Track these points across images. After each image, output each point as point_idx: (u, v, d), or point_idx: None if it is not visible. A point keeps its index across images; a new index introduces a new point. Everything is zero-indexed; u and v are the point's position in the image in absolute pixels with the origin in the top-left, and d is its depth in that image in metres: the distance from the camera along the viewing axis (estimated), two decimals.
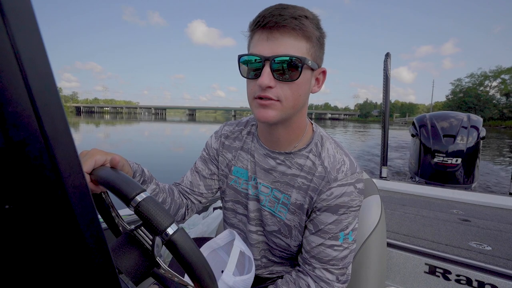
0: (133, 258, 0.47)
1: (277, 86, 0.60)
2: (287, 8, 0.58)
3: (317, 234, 0.68)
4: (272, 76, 0.59)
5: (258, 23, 0.58)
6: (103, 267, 0.22)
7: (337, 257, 0.67)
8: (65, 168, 0.19)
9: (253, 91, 0.62)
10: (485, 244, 1.37)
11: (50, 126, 0.18)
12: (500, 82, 56.35)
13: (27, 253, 0.18)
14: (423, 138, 4.12)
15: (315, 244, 0.68)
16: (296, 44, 0.58)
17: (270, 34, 0.58)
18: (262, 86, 0.59)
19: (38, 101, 0.17)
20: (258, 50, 0.59)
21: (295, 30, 0.57)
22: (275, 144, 0.73)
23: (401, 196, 2.25)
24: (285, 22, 0.56)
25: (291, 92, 0.61)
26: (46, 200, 0.18)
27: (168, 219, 0.41)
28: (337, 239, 0.67)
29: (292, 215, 0.73)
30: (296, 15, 0.57)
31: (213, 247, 0.83)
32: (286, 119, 0.65)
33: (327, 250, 0.67)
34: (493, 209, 1.95)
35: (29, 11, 0.17)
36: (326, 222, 0.67)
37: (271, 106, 0.61)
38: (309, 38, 0.59)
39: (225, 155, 0.84)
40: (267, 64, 0.58)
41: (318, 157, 0.71)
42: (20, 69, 0.16)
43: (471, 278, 1.16)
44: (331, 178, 0.67)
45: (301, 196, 0.71)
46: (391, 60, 3.49)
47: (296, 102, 0.63)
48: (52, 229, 0.19)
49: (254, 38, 0.61)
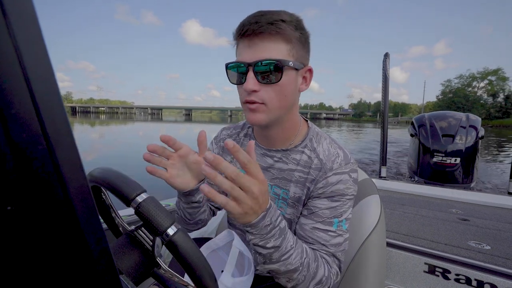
0: (133, 259, 0.47)
1: (261, 90, 0.63)
2: (264, 15, 0.61)
3: (310, 217, 0.69)
4: (256, 80, 0.62)
5: (239, 32, 0.62)
6: (105, 267, 0.22)
7: (330, 241, 0.67)
8: (67, 170, 0.19)
9: (242, 96, 0.66)
10: (484, 243, 1.37)
11: (52, 128, 0.18)
12: (487, 83, 59.73)
13: (28, 254, 0.18)
14: (422, 138, 4.13)
15: (308, 227, 0.69)
16: (275, 47, 0.61)
17: (250, 42, 0.62)
18: (247, 90, 0.62)
19: (40, 103, 0.17)
20: (242, 57, 0.63)
21: (273, 35, 0.60)
22: (271, 143, 0.76)
23: (401, 195, 2.26)
24: (261, 29, 0.59)
25: (275, 94, 0.64)
26: (48, 201, 0.18)
27: (169, 219, 0.41)
28: (331, 225, 0.68)
29: (292, 208, 0.75)
30: (272, 20, 0.60)
31: (213, 248, 0.84)
32: (277, 120, 0.68)
33: (320, 233, 0.68)
34: (492, 209, 1.96)
35: (31, 12, 0.17)
36: (321, 207, 0.69)
37: (258, 109, 0.65)
38: (288, 40, 0.62)
39: (225, 158, 0.85)
40: (250, 70, 0.62)
41: (313, 151, 0.74)
42: (22, 71, 0.16)
43: (471, 278, 1.16)
44: (327, 168, 0.70)
45: (299, 189, 0.73)
46: (390, 60, 3.50)
47: (282, 103, 0.66)
48: (53, 230, 0.19)
49: (239, 47, 0.65)
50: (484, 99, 59.89)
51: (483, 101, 59.68)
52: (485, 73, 59.90)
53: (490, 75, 59.30)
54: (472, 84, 61.68)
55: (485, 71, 60.08)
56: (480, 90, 61.00)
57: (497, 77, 58.55)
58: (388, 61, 3.63)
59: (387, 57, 3.62)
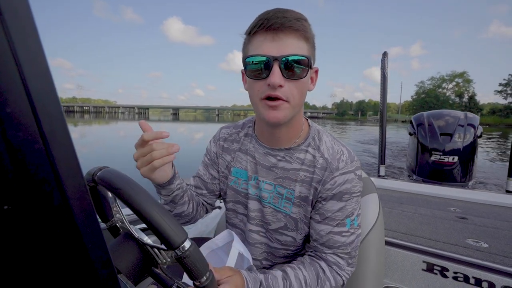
0: (132, 258, 0.47)
1: (285, 85, 0.62)
2: (289, 11, 0.61)
3: (325, 222, 0.71)
4: (282, 75, 0.61)
5: (262, 25, 0.60)
6: (102, 266, 0.22)
7: (345, 242, 0.71)
8: (63, 169, 0.19)
9: (260, 92, 0.64)
10: (482, 241, 1.38)
11: (49, 127, 0.18)
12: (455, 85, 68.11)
13: (25, 253, 0.18)
14: (420, 137, 4.14)
15: (324, 232, 0.71)
16: (299, 44, 0.61)
17: (275, 35, 0.60)
18: (274, 85, 0.60)
19: (37, 102, 0.17)
20: (263, 50, 0.61)
21: (298, 31, 0.61)
22: (275, 142, 0.76)
23: (399, 194, 2.26)
24: (290, 23, 0.59)
25: (297, 90, 0.64)
26: (45, 200, 0.18)
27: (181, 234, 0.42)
28: (344, 226, 0.71)
29: (298, 208, 0.75)
30: (298, 17, 0.61)
31: (212, 248, 0.83)
32: (292, 118, 0.68)
33: (336, 237, 0.71)
34: (490, 207, 1.97)
35: (27, 12, 0.17)
36: (333, 209, 0.71)
37: (280, 107, 0.63)
38: (308, 39, 0.63)
39: (224, 157, 0.86)
40: (276, 64, 0.60)
41: (317, 150, 0.74)
42: (18, 70, 0.16)
43: (469, 275, 1.17)
44: (333, 168, 0.71)
45: (305, 189, 0.73)
46: (388, 59, 3.50)
47: (301, 101, 0.67)
48: (50, 229, 0.19)
49: (256, 40, 0.62)
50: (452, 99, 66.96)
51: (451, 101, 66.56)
52: (453, 76, 67.81)
53: (457, 77, 67.24)
54: (442, 86, 69.56)
55: (453, 74, 68.01)
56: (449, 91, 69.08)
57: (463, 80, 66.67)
58: (387, 60, 3.63)
59: (386, 56, 3.62)
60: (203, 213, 0.90)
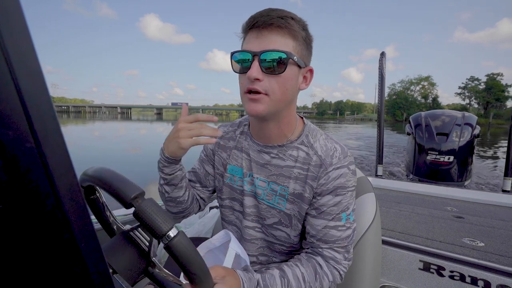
0: (128, 258, 0.47)
1: (265, 79, 0.64)
2: (275, 10, 0.64)
3: (320, 217, 0.72)
4: (260, 69, 0.63)
5: (249, 24, 0.65)
6: (95, 265, 0.22)
7: (341, 237, 0.72)
8: (55, 168, 0.19)
9: (244, 85, 0.67)
10: (478, 240, 1.39)
11: (40, 126, 0.18)
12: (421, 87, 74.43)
13: (17, 253, 0.18)
14: (417, 137, 4.16)
15: (320, 227, 0.72)
16: (282, 41, 0.63)
17: (259, 33, 0.64)
18: (251, 78, 0.63)
19: (28, 101, 0.17)
20: (248, 47, 0.65)
21: (282, 28, 0.63)
22: (267, 139, 0.77)
23: (396, 194, 2.27)
24: (272, 21, 0.62)
25: (278, 85, 0.65)
26: (37, 199, 0.18)
27: (169, 222, 0.41)
28: (340, 220, 0.72)
29: (292, 204, 0.76)
30: (283, 15, 0.63)
31: (210, 248, 0.83)
32: (276, 113, 0.70)
33: (332, 231, 0.72)
34: (486, 206, 1.98)
35: (18, 10, 0.17)
36: (328, 204, 0.72)
37: (260, 100, 0.66)
38: (295, 37, 0.65)
39: (220, 154, 0.87)
40: (255, 59, 0.63)
41: (310, 147, 0.75)
42: (9, 68, 0.16)
43: (465, 274, 1.18)
44: (327, 163, 0.72)
45: (299, 186, 0.74)
46: (385, 59, 3.51)
47: (283, 96, 0.67)
48: (42, 228, 0.19)
49: (246, 38, 0.67)
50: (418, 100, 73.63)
51: (418, 102, 73.00)
52: (419, 79, 74.24)
53: (423, 80, 73.74)
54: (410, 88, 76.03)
55: (419, 78, 74.30)
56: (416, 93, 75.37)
57: (428, 83, 73.50)
58: (384, 60, 3.65)
59: (383, 56, 3.63)
60: (197, 208, 0.92)
